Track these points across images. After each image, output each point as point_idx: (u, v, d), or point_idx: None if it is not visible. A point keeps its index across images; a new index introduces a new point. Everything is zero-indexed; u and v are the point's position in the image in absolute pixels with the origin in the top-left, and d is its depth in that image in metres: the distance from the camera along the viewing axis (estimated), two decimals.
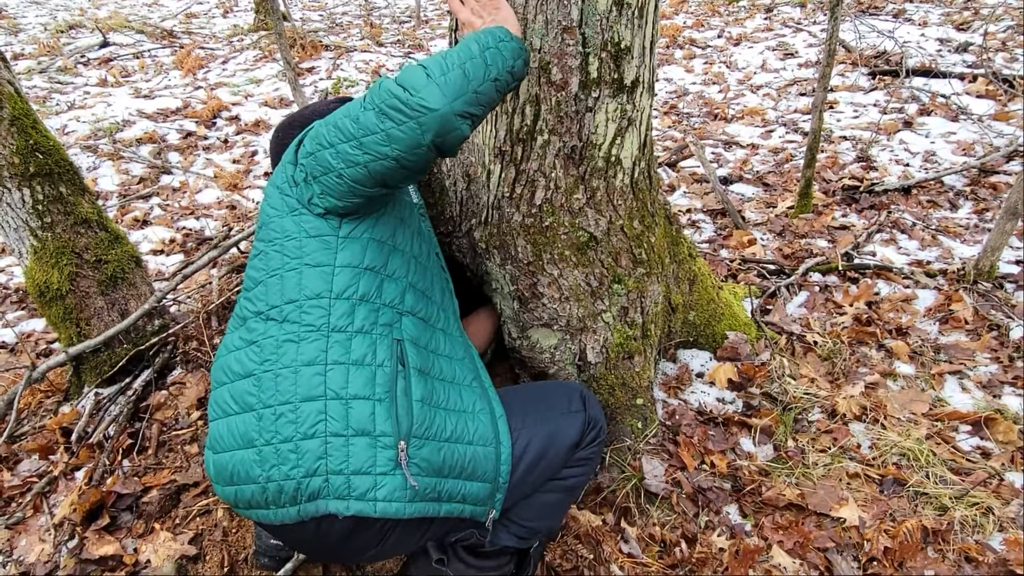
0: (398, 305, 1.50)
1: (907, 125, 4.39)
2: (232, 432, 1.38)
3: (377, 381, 1.38)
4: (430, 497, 1.37)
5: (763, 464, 2.03)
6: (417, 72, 1.32)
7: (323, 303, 1.41)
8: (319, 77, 6.58)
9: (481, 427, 1.48)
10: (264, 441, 1.33)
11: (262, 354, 1.41)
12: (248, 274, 1.54)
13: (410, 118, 1.30)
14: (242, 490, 1.36)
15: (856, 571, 1.73)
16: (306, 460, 1.30)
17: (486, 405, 1.53)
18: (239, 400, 1.40)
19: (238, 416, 1.38)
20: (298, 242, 1.46)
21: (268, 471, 1.32)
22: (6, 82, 2.16)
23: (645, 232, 2.05)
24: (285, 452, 1.31)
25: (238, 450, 1.36)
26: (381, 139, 1.32)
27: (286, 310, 1.42)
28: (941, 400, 2.22)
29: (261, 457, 1.33)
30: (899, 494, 1.92)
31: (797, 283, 2.85)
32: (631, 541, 1.83)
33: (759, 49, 6.33)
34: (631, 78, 1.76)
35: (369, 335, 1.42)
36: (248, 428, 1.36)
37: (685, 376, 2.31)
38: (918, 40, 5.78)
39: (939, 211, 3.43)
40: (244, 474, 1.35)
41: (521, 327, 2.07)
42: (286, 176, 1.53)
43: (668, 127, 4.96)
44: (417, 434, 1.37)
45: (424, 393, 1.42)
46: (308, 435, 1.32)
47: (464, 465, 1.43)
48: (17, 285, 3.45)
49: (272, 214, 1.52)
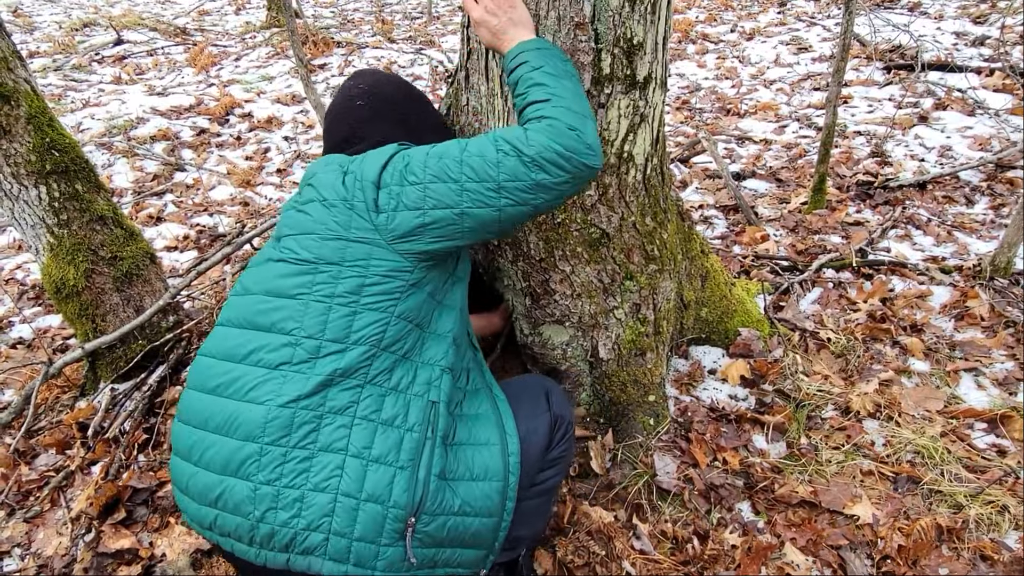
0: (439, 362, 1.42)
1: (922, 120, 4.35)
2: (224, 454, 1.28)
3: (403, 447, 1.31)
4: (426, 566, 1.31)
5: (776, 461, 2.02)
6: (572, 135, 1.33)
7: (369, 352, 1.33)
8: (331, 74, 6.60)
9: (487, 499, 1.38)
10: (265, 480, 1.25)
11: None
12: (277, 284, 1.40)
13: (568, 173, 1.32)
14: (225, 519, 1.28)
15: (870, 569, 1.73)
16: (310, 513, 1.24)
17: (500, 472, 1.41)
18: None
19: (234, 440, 1.28)
20: (360, 276, 1.36)
21: (263, 512, 1.24)
22: (23, 80, 2.18)
23: (657, 228, 2.05)
24: (288, 499, 1.24)
25: (229, 477, 1.27)
26: (527, 187, 1.32)
27: (325, 347, 1.33)
28: (956, 397, 2.20)
29: (257, 495, 1.24)
30: (913, 492, 1.91)
31: (810, 279, 2.84)
32: (643, 538, 1.83)
33: (772, 44, 6.29)
34: (644, 74, 1.75)
35: (404, 395, 1.35)
36: (247, 458, 1.27)
37: (697, 373, 2.30)
38: (934, 34, 5.72)
39: (955, 207, 3.40)
40: (233, 505, 1.26)
41: (533, 323, 2.07)
42: (363, 197, 1.39)
43: (680, 123, 4.94)
44: (428, 511, 1.30)
45: (443, 466, 1.34)
46: (319, 488, 1.25)
47: (465, 537, 1.36)
48: (34, 281, 3.49)
49: (326, 232, 1.39)
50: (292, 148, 5.07)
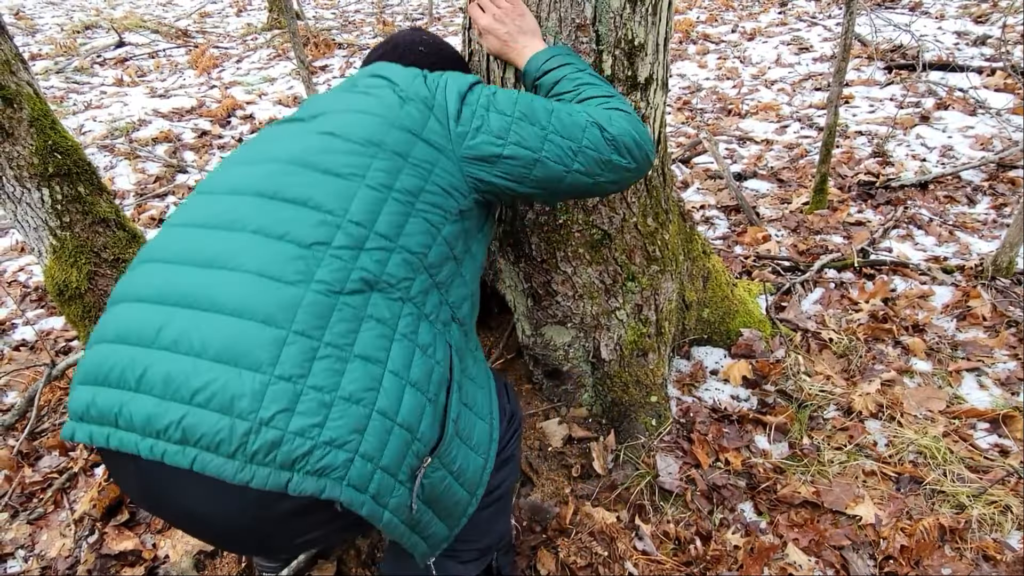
0: (457, 309, 1.33)
1: (924, 120, 4.35)
2: (221, 338, 1.03)
3: (432, 379, 1.17)
4: (411, 524, 1.16)
5: (778, 462, 2.02)
6: (644, 129, 1.43)
7: (415, 265, 1.20)
8: (332, 75, 6.60)
9: (474, 472, 1.29)
10: (284, 375, 1.01)
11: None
12: (320, 158, 1.22)
13: (636, 162, 1.40)
14: (201, 419, 0.99)
15: (872, 569, 1.73)
16: (340, 425, 1.02)
17: (485, 450, 1.33)
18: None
19: (242, 322, 1.04)
20: (421, 179, 1.25)
21: (273, 414, 0.99)
22: (25, 83, 2.18)
23: (659, 229, 2.05)
24: (313, 404, 1.01)
25: (224, 365, 1.01)
26: (601, 161, 1.37)
27: (373, 240, 1.17)
28: (958, 397, 2.20)
29: (269, 392, 1.00)
30: (916, 492, 1.91)
31: (812, 280, 2.84)
32: (645, 538, 1.83)
33: (773, 44, 6.28)
34: (645, 75, 1.76)
35: (434, 325, 1.22)
36: (261, 345, 1.02)
37: (699, 373, 2.30)
38: (935, 33, 5.71)
39: (956, 206, 3.39)
40: (224, 402, 0.99)
41: (535, 324, 2.08)
42: (445, 103, 1.34)
43: (681, 123, 4.94)
44: (441, 455, 1.17)
45: (457, 412, 1.24)
46: (353, 398, 1.04)
47: (447, 504, 1.23)
48: (36, 284, 3.50)
49: (396, 120, 1.28)
50: None
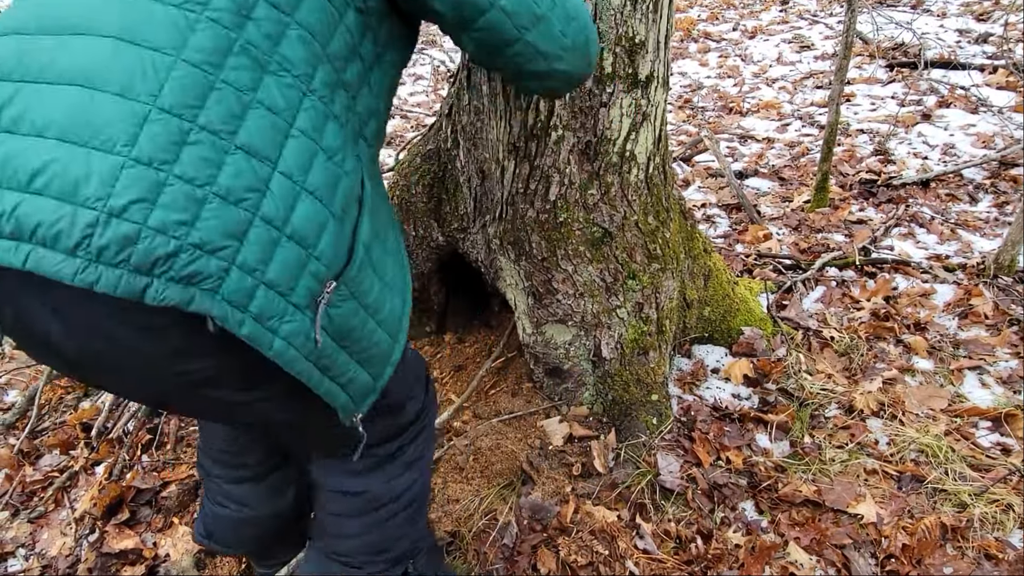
0: (365, 124, 1.11)
1: (925, 118, 4.34)
2: (63, 110, 0.83)
3: (338, 191, 0.98)
4: (321, 365, 0.98)
5: (779, 460, 2.02)
6: (596, 44, 1.24)
7: (315, 50, 0.97)
8: None
9: (393, 312, 1.14)
10: (143, 158, 0.82)
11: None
12: None
13: (574, 58, 1.19)
14: (35, 206, 0.80)
15: (874, 568, 1.72)
16: (211, 227, 0.84)
17: (402, 289, 1.19)
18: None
19: (91, 91, 0.84)
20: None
21: (126, 203, 0.80)
22: None
23: (660, 227, 2.04)
24: (180, 197, 0.82)
25: (68, 144, 0.82)
26: (535, 15, 1.10)
27: (261, 6, 0.94)
28: (960, 396, 2.20)
29: (123, 176, 0.81)
30: (917, 491, 1.91)
31: (813, 278, 2.83)
32: (646, 537, 1.82)
33: (775, 42, 6.27)
34: (645, 73, 1.75)
35: (343, 130, 1.02)
36: (113, 121, 0.82)
37: (700, 372, 2.30)
38: (936, 31, 5.70)
39: (958, 205, 3.39)
40: (64, 186, 0.80)
41: (536, 323, 2.07)
42: None
43: (682, 121, 4.93)
44: (347, 281, 0.99)
45: (368, 239, 1.05)
46: (231, 197, 0.86)
47: (365, 346, 1.07)
48: None
49: None
50: None
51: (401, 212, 2.29)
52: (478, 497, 1.95)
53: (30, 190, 0.81)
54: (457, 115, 2.06)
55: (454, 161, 2.16)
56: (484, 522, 1.90)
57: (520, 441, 2.08)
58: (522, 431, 2.11)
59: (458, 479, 2.01)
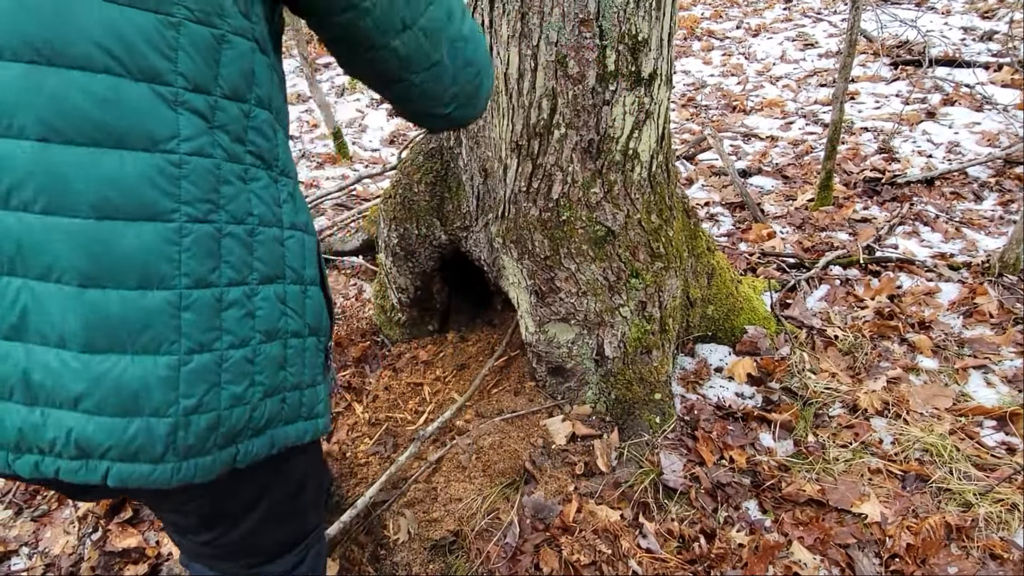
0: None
1: (930, 116, 4.33)
2: (80, 309, 0.76)
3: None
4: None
5: (783, 459, 2.01)
6: (489, 93, 1.10)
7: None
8: (336, 72, 6.60)
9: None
10: (192, 348, 0.80)
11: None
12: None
13: (464, 100, 1.06)
14: (97, 425, 0.78)
15: (878, 568, 1.72)
16: (267, 371, 0.87)
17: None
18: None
19: (99, 291, 0.76)
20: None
21: (194, 402, 0.80)
22: None
23: (663, 226, 2.04)
24: (236, 364, 0.83)
25: (98, 354, 0.77)
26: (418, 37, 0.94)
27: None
28: (965, 395, 2.19)
29: (178, 376, 0.79)
30: (922, 490, 1.90)
31: (817, 277, 2.82)
32: (649, 536, 1.82)
33: (778, 40, 6.26)
34: (649, 71, 1.75)
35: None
36: (137, 320, 0.77)
37: (703, 371, 2.29)
38: (941, 29, 5.68)
39: (963, 203, 3.37)
40: (119, 403, 0.77)
41: (538, 322, 2.07)
42: None
43: (686, 120, 4.92)
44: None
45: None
46: (271, 336, 0.87)
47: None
48: None
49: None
50: (297, 147, 5.07)
51: (404, 210, 2.29)
52: (480, 496, 1.95)
53: (79, 409, 0.77)
54: None
55: (456, 159, 2.16)
56: (486, 521, 1.89)
57: (523, 440, 2.07)
58: (525, 430, 2.11)
59: (460, 478, 2.01)
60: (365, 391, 2.41)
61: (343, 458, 2.18)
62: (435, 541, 1.87)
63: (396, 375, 2.46)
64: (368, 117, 5.53)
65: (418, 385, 2.42)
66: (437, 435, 2.18)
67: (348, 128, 5.32)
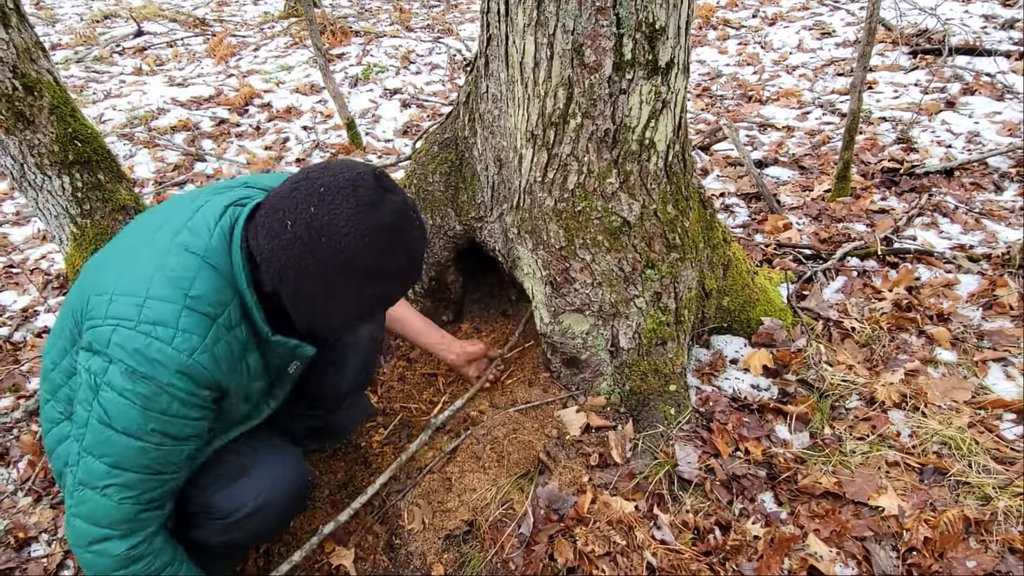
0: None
1: (949, 105, 4.26)
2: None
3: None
4: None
5: (799, 452, 2.00)
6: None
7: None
8: (349, 63, 6.59)
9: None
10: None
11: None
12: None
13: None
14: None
15: (895, 561, 1.70)
16: None
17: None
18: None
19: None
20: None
21: None
22: (46, 71, 2.19)
23: (679, 216, 2.02)
24: None
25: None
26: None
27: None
28: (984, 388, 2.16)
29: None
30: (940, 483, 1.88)
31: (834, 268, 2.80)
32: (664, 528, 1.82)
33: (795, 29, 6.18)
34: (666, 59, 1.73)
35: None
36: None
37: (719, 362, 2.28)
38: (962, 17, 5.59)
39: (983, 194, 3.33)
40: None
41: (553, 312, 2.06)
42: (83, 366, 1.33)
43: (701, 110, 4.88)
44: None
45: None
46: None
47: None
48: (58, 271, 3.53)
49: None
50: (311, 138, 5.08)
51: (418, 201, 2.29)
52: (495, 486, 1.95)
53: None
54: (475, 103, 2.05)
55: (471, 150, 2.15)
56: (501, 512, 1.89)
57: (537, 431, 2.07)
58: (539, 421, 2.11)
59: (475, 468, 2.01)
60: (379, 381, 2.41)
61: (357, 448, 2.19)
62: (449, 531, 1.88)
63: (410, 365, 2.47)
64: (381, 107, 5.53)
65: (432, 376, 2.42)
66: (452, 425, 2.18)
67: (361, 118, 5.31)
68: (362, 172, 1.26)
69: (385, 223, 1.24)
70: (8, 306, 3.26)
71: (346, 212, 1.21)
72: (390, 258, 1.28)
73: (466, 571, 1.80)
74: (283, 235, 1.22)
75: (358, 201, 1.22)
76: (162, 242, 1.32)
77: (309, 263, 1.22)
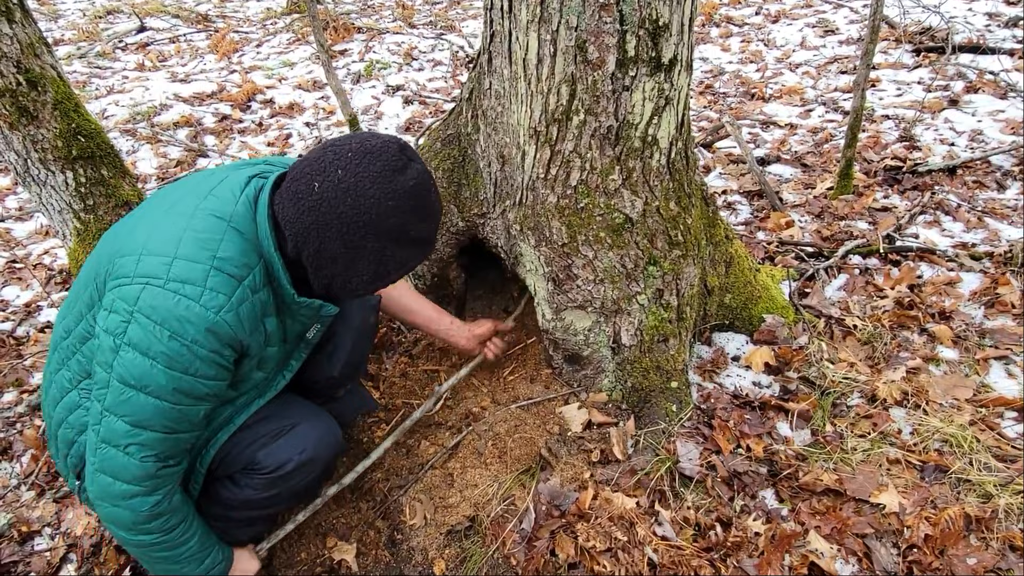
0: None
1: (953, 103, 4.26)
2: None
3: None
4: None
5: (800, 449, 2.00)
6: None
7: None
8: (352, 59, 6.59)
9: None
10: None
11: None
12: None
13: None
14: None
15: (896, 558, 1.71)
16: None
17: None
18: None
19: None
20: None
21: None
22: (49, 66, 2.19)
23: (681, 213, 2.02)
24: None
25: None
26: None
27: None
28: (986, 386, 2.16)
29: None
30: (941, 481, 1.88)
31: (836, 266, 2.79)
32: (665, 524, 1.82)
33: (798, 26, 6.17)
34: (669, 56, 1.73)
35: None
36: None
37: (721, 359, 2.28)
38: (965, 15, 5.58)
39: (985, 192, 3.32)
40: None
41: (555, 309, 2.07)
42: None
43: (704, 107, 4.87)
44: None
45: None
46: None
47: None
48: (61, 267, 3.54)
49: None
50: (313, 134, 5.08)
51: None
52: (496, 482, 1.96)
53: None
54: (478, 99, 2.05)
55: (474, 146, 2.15)
56: (502, 507, 1.90)
57: (538, 427, 2.08)
58: (541, 417, 2.11)
59: (476, 464, 2.01)
60: (382, 377, 2.42)
61: (359, 443, 2.20)
62: (451, 526, 1.89)
63: (412, 362, 2.47)
64: (384, 104, 5.52)
65: (434, 372, 2.42)
66: (454, 422, 2.19)
67: (364, 115, 5.31)
68: (388, 140, 1.34)
69: (409, 188, 1.31)
70: (11, 301, 3.27)
71: (372, 175, 1.28)
72: (412, 222, 1.35)
73: (467, 566, 1.81)
74: (310, 196, 1.28)
75: (384, 166, 1.29)
76: (188, 208, 1.37)
77: (333, 223, 1.29)
